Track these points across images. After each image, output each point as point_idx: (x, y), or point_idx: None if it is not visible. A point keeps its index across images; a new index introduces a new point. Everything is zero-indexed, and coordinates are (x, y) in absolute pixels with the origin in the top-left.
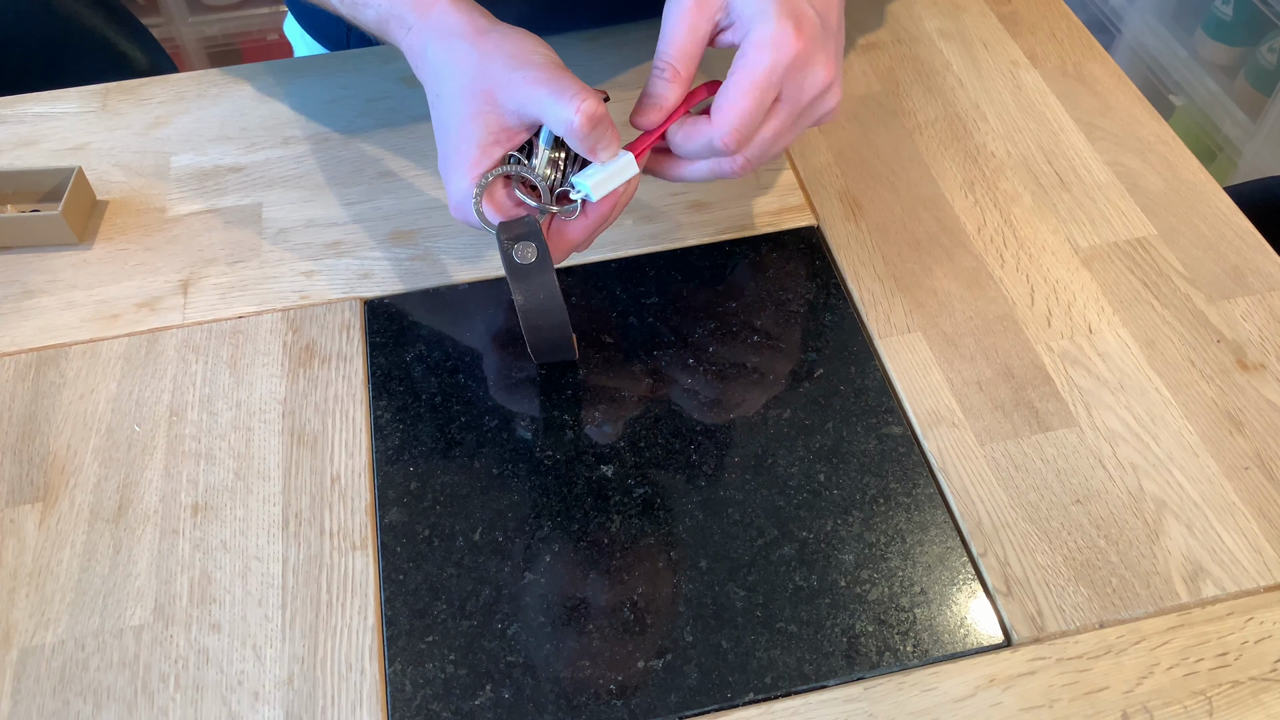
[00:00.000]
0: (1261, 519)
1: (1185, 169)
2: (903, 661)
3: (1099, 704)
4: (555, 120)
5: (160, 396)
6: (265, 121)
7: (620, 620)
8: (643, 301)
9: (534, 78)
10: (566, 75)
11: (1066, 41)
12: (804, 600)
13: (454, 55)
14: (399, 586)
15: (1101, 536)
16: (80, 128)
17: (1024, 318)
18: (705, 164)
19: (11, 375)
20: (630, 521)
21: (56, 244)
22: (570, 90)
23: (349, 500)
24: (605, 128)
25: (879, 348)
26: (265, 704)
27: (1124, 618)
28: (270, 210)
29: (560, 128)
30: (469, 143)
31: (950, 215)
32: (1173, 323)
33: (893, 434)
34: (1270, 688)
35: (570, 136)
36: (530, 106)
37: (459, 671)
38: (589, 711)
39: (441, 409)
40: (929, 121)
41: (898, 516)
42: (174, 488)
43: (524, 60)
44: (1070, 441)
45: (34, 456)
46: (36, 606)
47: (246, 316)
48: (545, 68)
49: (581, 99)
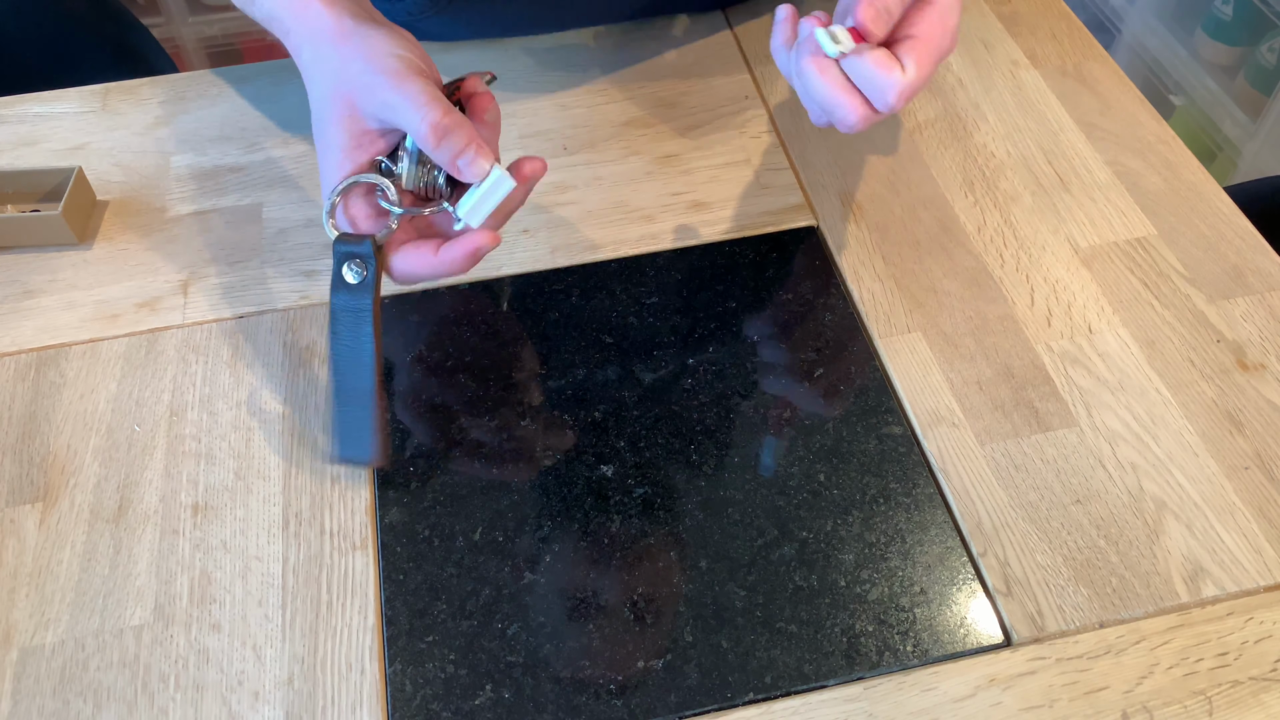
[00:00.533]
0: (1261, 519)
1: (1185, 169)
2: (903, 661)
3: (1099, 704)
4: (408, 128)
5: (160, 396)
6: (265, 121)
7: (620, 620)
8: (643, 301)
9: (386, 84)
10: (418, 81)
11: (1066, 41)
12: (804, 600)
13: (319, 59)
14: (399, 586)
15: (1101, 536)
16: (80, 128)
17: (1024, 318)
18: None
19: (11, 375)
20: (630, 521)
21: (56, 244)
22: (420, 99)
23: (349, 500)
24: (457, 138)
25: (879, 348)
26: (265, 704)
27: (1124, 618)
28: (270, 210)
29: (414, 136)
30: (333, 147)
31: (950, 215)
32: (1173, 323)
33: (893, 434)
34: (1270, 688)
35: (423, 147)
36: (385, 113)
37: (459, 671)
38: (589, 711)
39: (441, 409)
40: (929, 121)
41: (898, 516)
42: (174, 488)
43: (379, 65)
44: (1070, 441)
45: (34, 456)
46: (36, 606)
47: (246, 316)
48: (398, 74)
49: (429, 109)
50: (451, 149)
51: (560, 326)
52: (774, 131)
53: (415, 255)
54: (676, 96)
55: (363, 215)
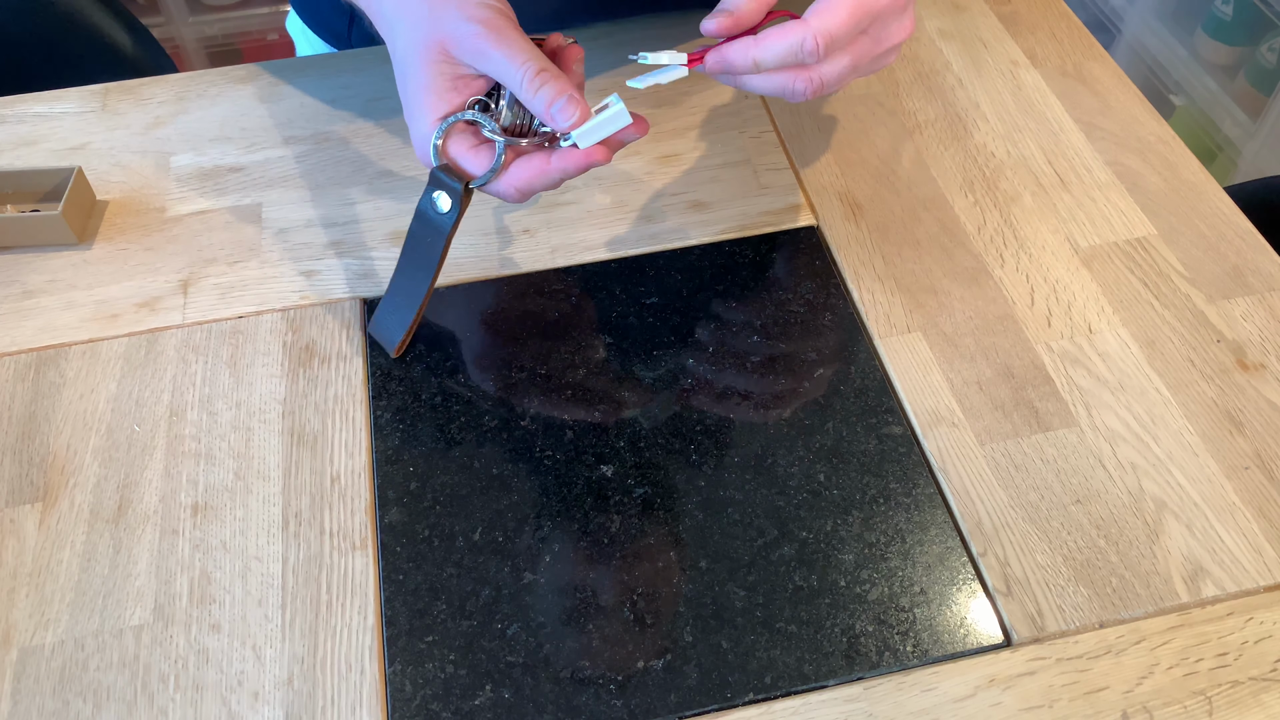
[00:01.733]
0: (1261, 519)
1: (1185, 169)
2: (903, 661)
3: (1099, 704)
4: (504, 77)
5: (160, 396)
6: (265, 121)
7: (620, 620)
8: (643, 301)
9: (480, 33)
10: (513, 32)
11: (1066, 41)
12: (804, 600)
13: (405, 7)
14: (399, 586)
15: (1101, 536)
16: (80, 128)
17: (1024, 317)
18: (778, 77)
19: (11, 375)
20: (630, 521)
21: (56, 244)
22: (516, 50)
23: (349, 500)
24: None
25: (879, 348)
26: (265, 704)
27: (1124, 618)
28: (270, 210)
29: (511, 85)
30: (427, 90)
31: (950, 215)
32: (1173, 323)
33: (893, 434)
34: (1270, 688)
35: (520, 95)
36: (479, 61)
37: (459, 671)
38: (589, 711)
39: (441, 409)
40: (929, 121)
41: (898, 516)
42: (174, 488)
43: (471, 14)
44: (1070, 441)
45: (34, 456)
46: (36, 606)
47: (246, 316)
48: (493, 25)
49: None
50: (547, 98)
51: (560, 326)
52: (774, 131)
53: (528, 165)
54: (677, 96)
55: (461, 150)
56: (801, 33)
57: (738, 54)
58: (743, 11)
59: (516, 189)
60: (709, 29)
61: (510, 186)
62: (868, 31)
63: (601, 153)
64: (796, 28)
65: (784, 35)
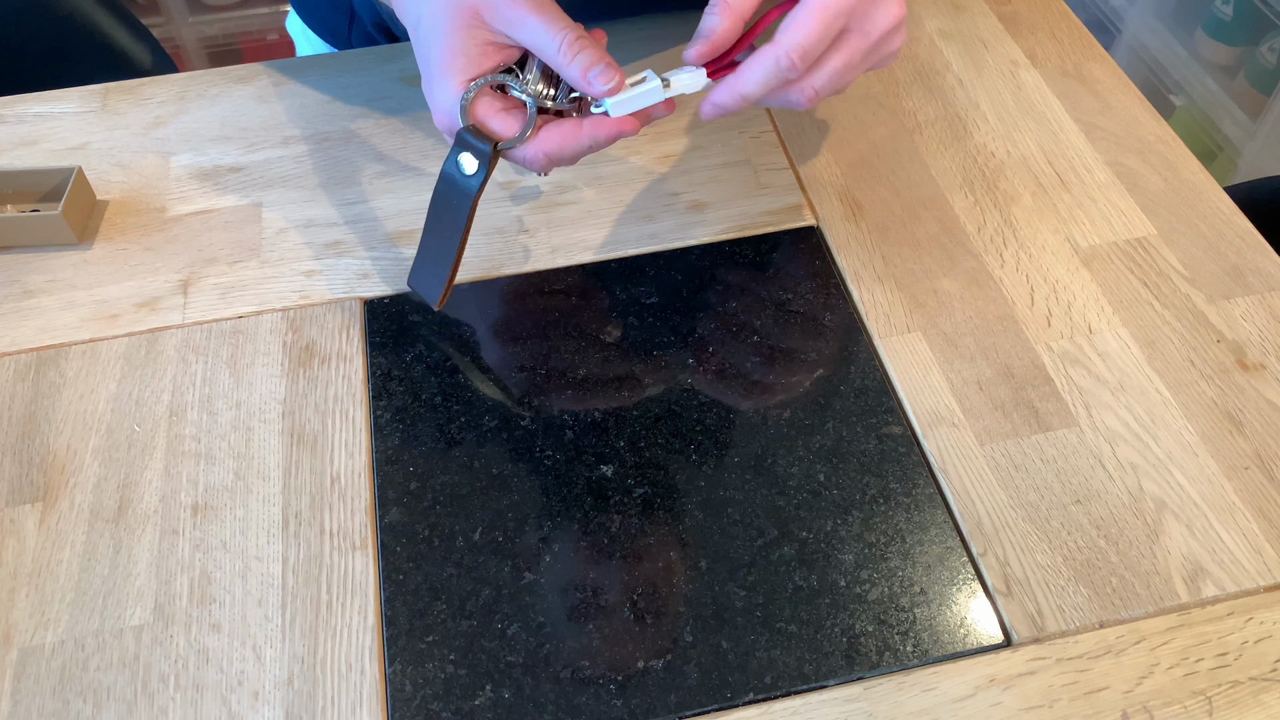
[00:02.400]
0: (1261, 519)
1: (1185, 169)
2: (903, 661)
3: (1099, 704)
4: (539, 47)
5: (160, 396)
6: (265, 121)
7: (620, 620)
8: (643, 301)
9: (514, 3)
10: (547, 2)
11: (1066, 41)
12: (804, 600)
13: None
14: (399, 586)
15: (1101, 536)
16: (80, 128)
17: (1024, 318)
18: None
19: (11, 375)
20: (630, 521)
21: (56, 244)
22: (551, 19)
23: (349, 500)
24: (589, 55)
25: (879, 348)
26: (265, 704)
27: (1124, 618)
28: (270, 210)
29: (546, 58)
30: (456, 53)
31: (950, 215)
32: (1173, 323)
33: (893, 434)
34: (1270, 688)
35: (557, 69)
36: (513, 30)
37: (459, 671)
38: (589, 711)
39: (441, 409)
40: (929, 121)
41: (898, 516)
42: (174, 488)
43: None
44: (1070, 441)
45: (34, 456)
46: (36, 606)
47: (246, 316)
48: None
49: (564, 30)
50: (584, 63)
51: (560, 326)
52: (774, 131)
53: (557, 130)
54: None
55: (490, 113)
56: (774, 55)
57: (726, 96)
58: (718, 36)
59: (545, 154)
60: (689, 58)
61: (539, 151)
62: (850, 27)
63: (631, 123)
64: (769, 51)
65: (760, 62)
